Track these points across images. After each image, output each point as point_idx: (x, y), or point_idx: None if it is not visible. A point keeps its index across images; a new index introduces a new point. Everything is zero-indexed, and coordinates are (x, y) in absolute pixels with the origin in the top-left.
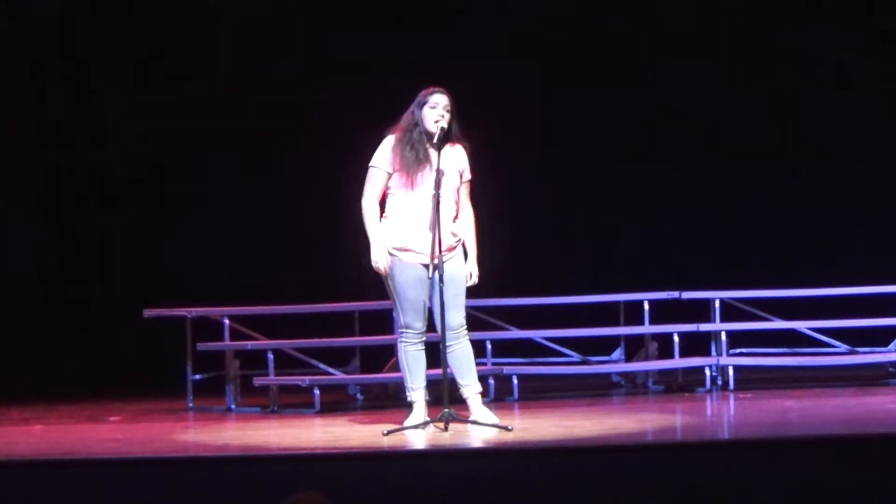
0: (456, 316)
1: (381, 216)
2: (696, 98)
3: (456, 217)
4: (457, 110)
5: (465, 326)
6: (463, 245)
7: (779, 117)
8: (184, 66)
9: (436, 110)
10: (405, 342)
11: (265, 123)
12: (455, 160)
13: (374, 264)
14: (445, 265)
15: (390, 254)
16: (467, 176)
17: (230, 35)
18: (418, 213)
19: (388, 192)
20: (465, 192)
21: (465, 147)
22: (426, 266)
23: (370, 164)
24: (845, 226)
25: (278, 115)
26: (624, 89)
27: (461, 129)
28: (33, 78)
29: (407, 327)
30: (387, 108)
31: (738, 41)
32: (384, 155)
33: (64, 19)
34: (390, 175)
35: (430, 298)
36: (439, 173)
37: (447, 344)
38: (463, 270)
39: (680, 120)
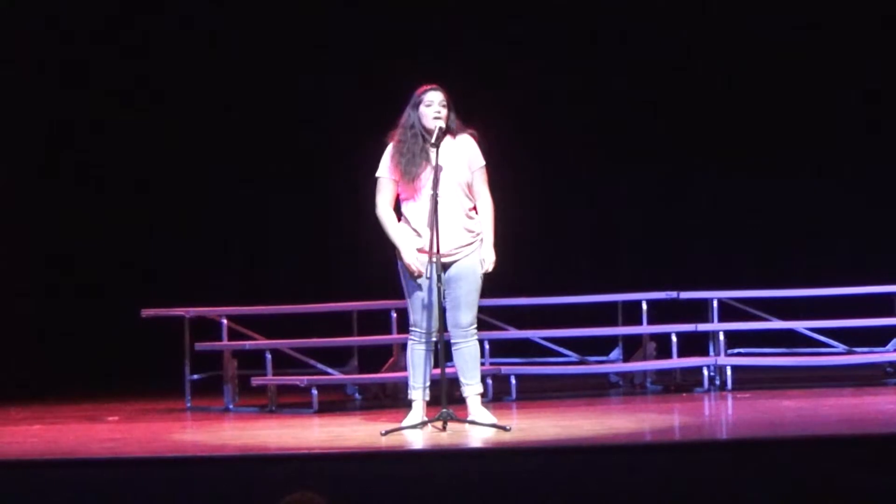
0: (466, 314)
1: (399, 219)
2: (696, 98)
3: (473, 210)
4: (453, 103)
5: (475, 325)
6: (483, 241)
7: (777, 117)
8: (184, 66)
9: (432, 108)
10: (412, 340)
11: (265, 123)
12: (460, 153)
13: (407, 266)
14: (458, 263)
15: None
16: (478, 164)
17: (231, 34)
18: (427, 215)
19: (400, 196)
20: (478, 180)
21: (471, 135)
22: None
23: (376, 174)
24: (843, 226)
25: (278, 115)
26: (623, 88)
27: (461, 119)
28: (34, 77)
29: (414, 325)
30: (387, 109)
31: (738, 41)
32: (385, 164)
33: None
34: (396, 181)
35: (442, 298)
36: (437, 172)
37: (455, 341)
38: (477, 267)
39: (679, 119)
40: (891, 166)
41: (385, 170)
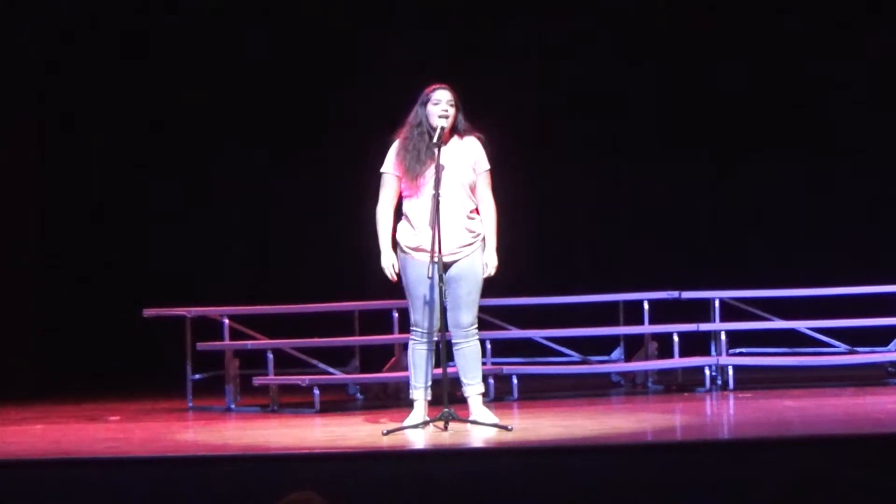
0: (466, 314)
1: (401, 217)
2: (696, 98)
3: (475, 211)
4: (462, 105)
5: (476, 326)
6: (484, 241)
7: (778, 117)
8: (185, 65)
9: (439, 106)
10: (413, 339)
11: (266, 123)
12: (465, 154)
13: (382, 269)
14: (459, 263)
15: (404, 251)
16: (483, 167)
17: (232, 33)
18: (428, 213)
19: (402, 194)
20: (482, 183)
21: (478, 138)
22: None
23: (380, 170)
24: (845, 225)
25: (279, 116)
26: (623, 89)
27: (469, 121)
28: (36, 73)
29: (415, 325)
30: (387, 110)
31: (737, 40)
32: (390, 160)
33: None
34: (399, 178)
35: (443, 297)
36: (439, 171)
37: (456, 341)
38: (478, 268)
39: (679, 119)
40: (893, 165)
41: (389, 166)
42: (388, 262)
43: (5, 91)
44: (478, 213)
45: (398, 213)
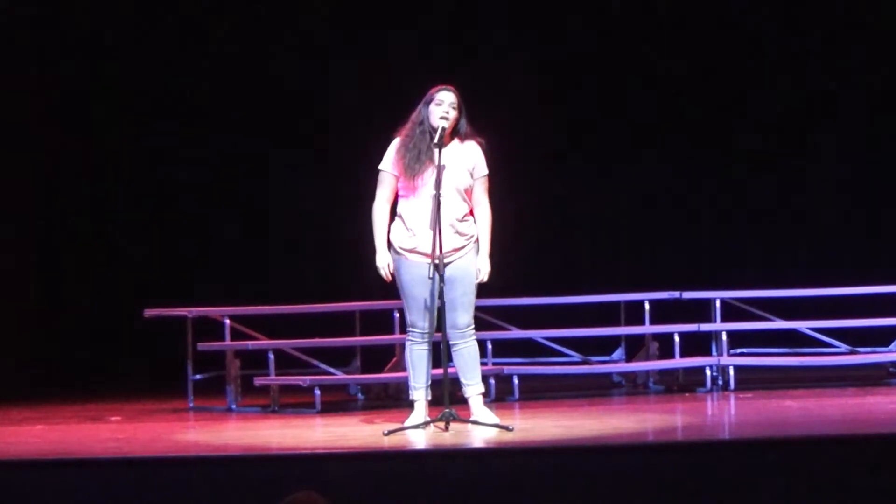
0: (463, 315)
1: (395, 217)
2: (695, 98)
3: (469, 214)
4: (465, 108)
5: (473, 326)
6: (477, 243)
7: (777, 117)
8: (185, 64)
9: (441, 107)
10: (410, 341)
11: (267, 123)
12: (464, 158)
13: (378, 269)
14: (453, 265)
15: (398, 253)
16: (481, 172)
17: (233, 30)
18: (424, 214)
19: (399, 193)
20: (479, 188)
21: (479, 143)
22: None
23: (379, 167)
24: (846, 225)
25: (280, 115)
26: (624, 89)
27: (472, 126)
28: (40, 69)
29: (412, 326)
30: (388, 110)
31: (738, 42)
32: (389, 157)
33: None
34: (397, 177)
35: (438, 298)
36: (439, 172)
37: (453, 342)
38: (472, 269)
39: (680, 119)
40: (894, 166)
41: (388, 164)
42: (384, 262)
43: (6, 90)
44: (471, 215)
45: (394, 212)
